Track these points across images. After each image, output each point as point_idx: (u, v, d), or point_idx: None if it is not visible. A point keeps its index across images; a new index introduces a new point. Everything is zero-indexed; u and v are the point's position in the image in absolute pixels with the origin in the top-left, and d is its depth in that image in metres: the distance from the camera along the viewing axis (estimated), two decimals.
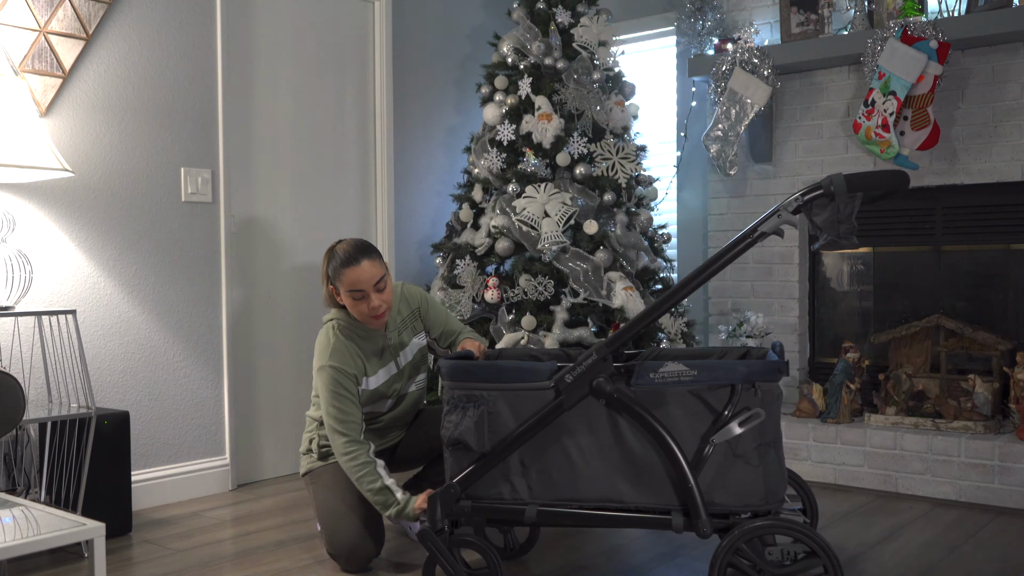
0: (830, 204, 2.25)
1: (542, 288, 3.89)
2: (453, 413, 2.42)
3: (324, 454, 2.95)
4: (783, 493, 2.37)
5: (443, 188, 4.78)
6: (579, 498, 2.37)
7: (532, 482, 2.40)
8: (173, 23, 3.64)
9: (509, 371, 2.40)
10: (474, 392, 2.41)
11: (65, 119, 3.34)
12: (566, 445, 2.37)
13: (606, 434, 2.35)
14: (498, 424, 2.39)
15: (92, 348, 3.40)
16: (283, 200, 4.11)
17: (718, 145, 4.28)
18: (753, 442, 2.28)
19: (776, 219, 2.27)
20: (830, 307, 4.40)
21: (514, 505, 2.41)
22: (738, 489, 2.29)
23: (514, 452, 2.39)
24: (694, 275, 2.33)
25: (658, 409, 2.32)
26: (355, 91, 4.41)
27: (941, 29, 3.71)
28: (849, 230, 2.26)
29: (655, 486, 2.32)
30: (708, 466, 2.29)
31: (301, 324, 4.15)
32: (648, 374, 2.30)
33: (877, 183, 2.26)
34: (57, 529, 2.07)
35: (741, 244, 2.29)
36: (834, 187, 2.23)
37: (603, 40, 4.28)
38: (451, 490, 2.42)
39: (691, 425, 2.31)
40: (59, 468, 2.99)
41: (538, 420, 2.35)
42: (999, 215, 3.90)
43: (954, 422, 3.68)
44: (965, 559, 2.87)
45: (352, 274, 2.73)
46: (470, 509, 2.43)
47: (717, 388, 2.29)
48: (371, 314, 2.76)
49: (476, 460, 2.41)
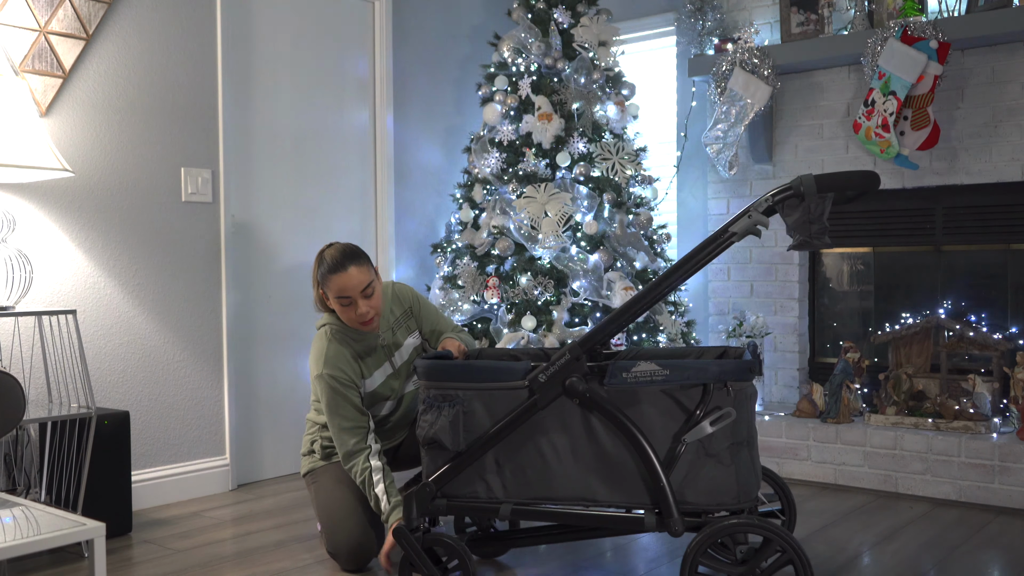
0: (800, 204, 2.26)
1: (542, 288, 3.89)
2: (429, 412, 2.44)
3: (327, 455, 2.96)
4: (756, 492, 2.39)
5: (443, 188, 4.78)
6: (553, 496, 2.39)
7: (507, 481, 2.42)
8: (173, 23, 3.64)
9: (483, 371, 2.42)
10: (449, 391, 2.42)
11: (65, 119, 3.34)
12: (540, 444, 2.39)
13: (580, 433, 2.36)
14: (473, 423, 2.41)
15: (92, 348, 3.40)
16: (283, 200, 4.11)
17: (718, 145, 4.28)
18: (725, 441, 2.30)
19: (747, 219, 2.27)
20: (830, 307, 4.40)
21: (489, 504, 2.43)
22: (710, 488, 2.31)
23: (489, 451, 2.41)
24: (666, 275, 2.34)
25: (631, 408, 2.33)
26: (355, 91, 4.41)
27: (941, 29, 3.71)
28: (820, 230, 2.26)
29: (628, 485, 2.34)
30: (680, 465, 2.31)
31: (301, 324, 4.15)
32: (620, 373, 2.31)
33: (847, 183, 2.26)
34: (57, 529, 2.07)
35: (713, 245, 2.30)
36: (804, 187, 2.24)
37: (603, 40, 4.28)
38: (426, 489, 2.44)
39: (663, 424, 2.32)
40: (59, 468, 2.99)
41: (512, 419, 2.37)
42: (999, 215, 3.90)
43: (954, 422, 3.68)
44: (965, 559, 2.87)
45: (339, 280, 2.72)
46: (446, 507, 2.46)
47: (689, 387, 2.31)
48: (359, 320, 2.77)
49: (451, 459, 2.43)
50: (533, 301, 3.91)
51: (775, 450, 3.98)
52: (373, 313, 2.77)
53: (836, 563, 2.84)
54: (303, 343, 4.16)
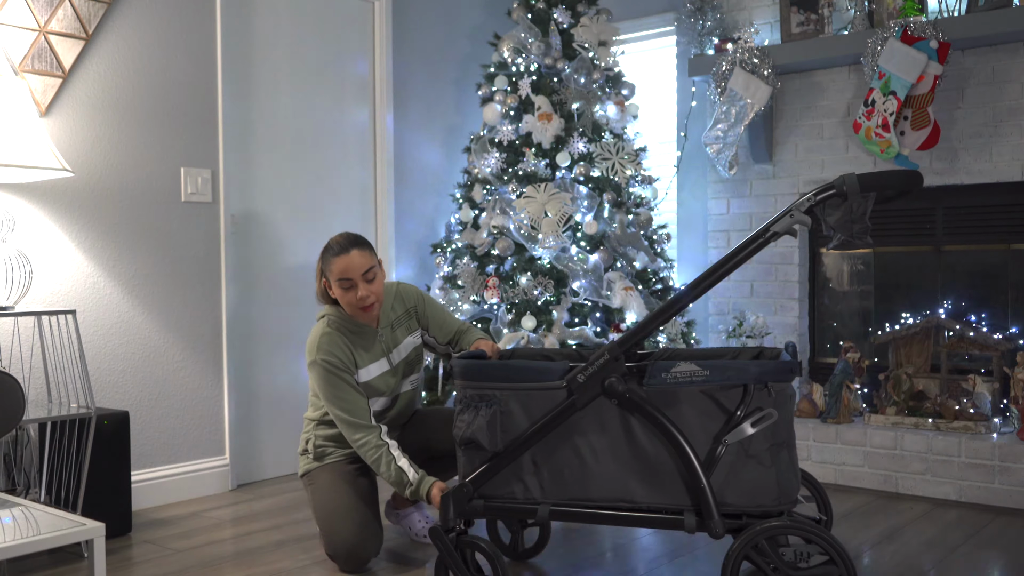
0: (843, 204, 2.24)
1: (542, 288, 3.89)
2: (466, 412, 2.42)
3: (320, 454, 2.95)
4: (796, 494, 2.36)
5: (443, 188, 4.78)
6: (591, 498, 2.37)
7: (544, 481, 2.39)
8: (173, 23, 3.64)
9: (522, 371, 2.40)
10: (487, 391, 2.40)
11: (65, 119, 3.34)
12: (578, 445, 2.37)
13: (618, 434, 2.34)
14: (510, 423, 2.39)
15: (92, 348, 3.40)
16: (283, 200, 4.11)
17: (718, 145, 4.28)
18: (766, 442, 2.27)
19: (788, 219, 2.26)
20: (830, 307, 4.40)
21: (526, 504, 2.41)
22: (750, 489, 2.28)
23: (526, 452, 2.39)
24: (706, 275, 2.33)
25: (670, 409, 2.31)
26: (355, 91, 4.41)
27: (941, 29, 3.71)
28: (863, 230, 2.25)
29: (667, 486, 2.32)
30: (720, 466, 2.28)
31: (301, 324, 4.15)
32: (660, 374, 2.29)
33: (890, 183, 2.25)
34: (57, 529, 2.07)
35: (754, 244, 2.29)
36: (847, 187, 2.22)
37: (603, 40, 4.28)
38: (464, 489, 2.42)
39: (703, 425, 2.30)
40: (59, 468, 2.99)
41: (550, 420, 2.35)
42: (999, 215, 3.90)
43: (954, 422, 3.68)
44: (965, 559, 2.87)
45: (341, 262, 2.75)
46: (483, 508, 2.43)
47: (729, 388, 2.28)
48: (359, 304, 2.77)
49: (488, 459, 2.41)
50: (533, 301, 3.91)
51: None
52: (373, 299, 2.78)
53: None
54: (303, 343, 4.15)
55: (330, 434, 2.92)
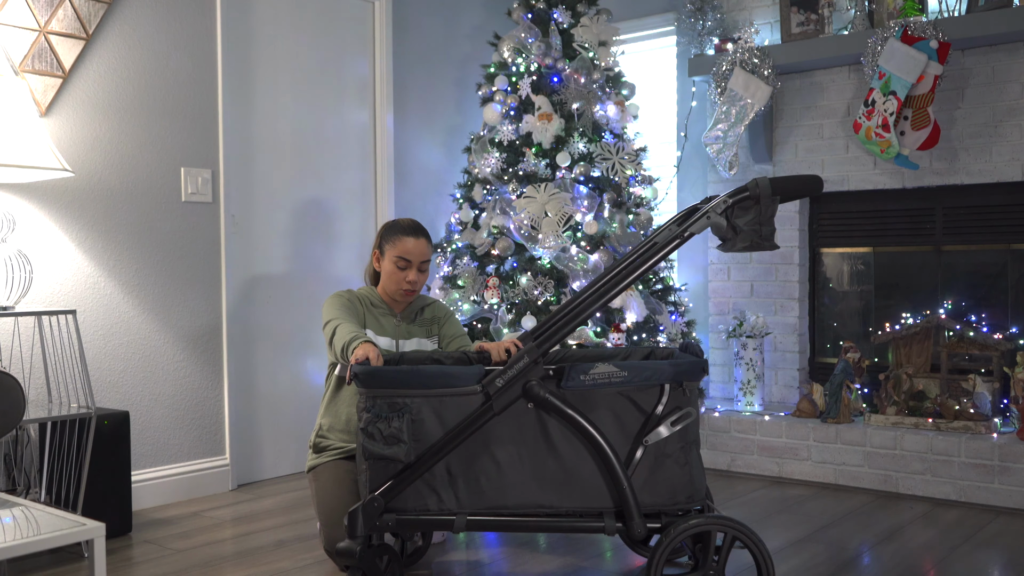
0: (754, 207, 2.29)
1: (542, 288, 3.89)
2: (375, 423, 2.31)
3: (318, 446, 2.96)
4: (705, 490, 2.42)
5: (443, 188, 4.78)
6: (508, 505, 2.32)
7: (459, 491, 2.32)
8: (173, 23, 3.64)
9: (435, 376, 2.30)
10: (396, 399, 2.30)
11: (65, 119, 3.33)
12: (494, 452, 2.32)
13: (535, 438, 2.32)
14: (422, 432, 2.30)
15: (92, 348, 3.40)
16: (283, 200, 4.11)
17: (718, 145, 4.28)
18: (679, 441, 2.32)
19: (705, 220, 2.31)
20: (830, 307, 4.40)
21: (441, 516, 2.32)
22: (666, 488, 2.32)
23: (440, 461, 2.31)
24: (619, 269, 2.37)
25: (589, 411, 2.31)
26: (355, 91, 4.41)
27: (941, 29, 3.71)
28: (770, 232, 2.31)
29: (585, 489, 2.32)
30: (640, 467, 2.31)
31: (301, 324, 4.15)
32: (579, 376, 2.29)
33: (796, 188, 2.34)
34: (57, 529, 2.07)
35: (671, 244, 2.32)
36: (760, 190, 2.28)
37: (603, 40, 4.28)
38: (373, 504, 2.29)
39: (620, 426, 2.32)
40: (59, 468, 2.99)
41: (466, 426, 2.29)
42: (999, 215, 3.90)
43: (954, 422, 3.68)
44: (965, 559, 2.87)
45: (409, 242, 2.90)
46: (395, 523, 2.31)
47: (647, 388, 2.31)
48: (404, 287, 2.89)
49: (400, 471, 2.30)
50: (533, 301, 3.91)
51: (775, 450, 3.98)
52: (418, 288, 2.92)
53: (836, 563, 2.84)
54: (303, 343, 4.16)
55: (329, 423, 2.93)
